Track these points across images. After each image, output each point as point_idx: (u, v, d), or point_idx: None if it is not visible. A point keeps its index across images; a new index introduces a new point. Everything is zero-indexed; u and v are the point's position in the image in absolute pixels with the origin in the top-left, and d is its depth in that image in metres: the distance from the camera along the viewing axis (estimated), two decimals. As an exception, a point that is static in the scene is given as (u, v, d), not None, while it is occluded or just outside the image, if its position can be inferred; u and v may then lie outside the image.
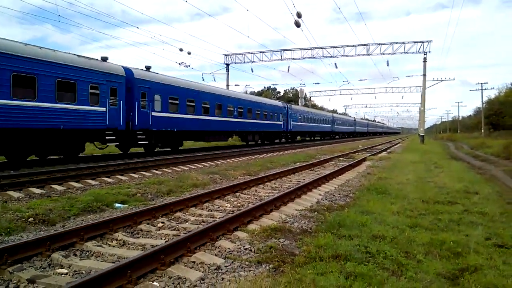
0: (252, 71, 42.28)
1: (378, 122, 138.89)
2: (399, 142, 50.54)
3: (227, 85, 41.89)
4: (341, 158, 20.73)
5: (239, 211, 6.66)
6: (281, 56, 39.86)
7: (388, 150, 29.28)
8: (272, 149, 26.64)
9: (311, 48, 38.57)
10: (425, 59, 37.23)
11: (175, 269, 4.28)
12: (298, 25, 21.93)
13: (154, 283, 3.99)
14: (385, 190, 9.38)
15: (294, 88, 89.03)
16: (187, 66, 35.89)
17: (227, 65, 42.17)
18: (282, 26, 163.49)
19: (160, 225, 6.40)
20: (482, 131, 59.02)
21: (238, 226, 6.07)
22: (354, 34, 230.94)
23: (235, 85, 67.52)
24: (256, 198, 8.79)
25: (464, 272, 4.17)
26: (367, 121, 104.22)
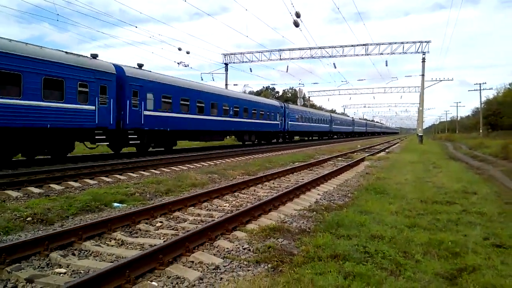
0: (251, 71, 42.46)
1: (377, 122, 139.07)
2: (398, 142, 50.58)
3: (226, 85, 41.91)
4: (340, 158, 20.75)
5: (238, 211, 6.66)
6: (280, 56, 39.92)
7: (387, 150, 29.31)
8: (271, 149, 26.64)
9: (310, 48, 38.62)
10: (424, 59, 37.40)
11: (174, 269, 4.28)
12: (297, 25, 21.95)
13: (153, 283, 3.98)
14: (384, 190, 9.39)
15: (293, 88, 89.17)
16: (186, 66, 35.94)
17: (226, 65, 42.17)
18: (281, 26, 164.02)
19: (159, 225, 6.39)
20: (481, 131, 59.15)
21: (237, 226, 6.07)
22: (353, 34, 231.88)
23: (234, 85, 67.49)
24: (255, 198, 8.79)
25: (462, 272, 4.18)
26: (366, 121, 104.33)
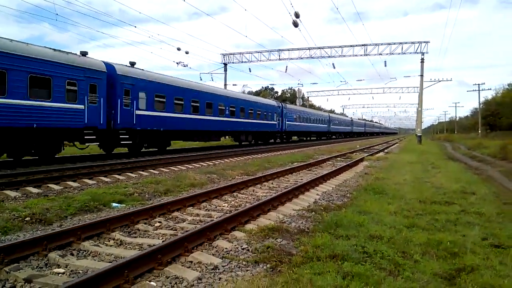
0: (250, 71, 42.09)
1: (376, 123, 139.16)
2: (397, 143, 50.64)
3: (225, 85, 41.90)
4: (339, 158, 20.76)
5: (237, 211, 6.65)
6: (279, 56, 39.94)
7: (386, 151, 29.33)
8: (269, 149, 26.64)
9: (309, 48, 38.66)
10: (423, 60, 37.43)
11: (172, 269, 4.28)
12: (296, 25, 21.98)
13: (151, 283, 3.98)
14: (383, 190, 9.40)
15: (292, 88, 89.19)
16: (185, 66, 35.87)
17: (225, 65, 42.16)
18: (280, 26, 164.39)
19: (158, 225, 6.39)
20: (479, 132, 59.23)
21: (236, 226, 6.07)
22: (352, 34, 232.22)
23: (233, 85, 67.18)
24: (254, 198, 8.79)
25: (461, 272, 4.19)
26: (364, 121, 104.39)
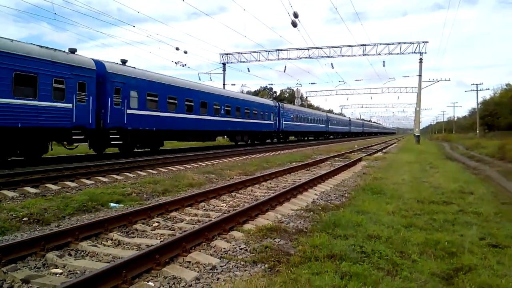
0: (249, 71, 41.97)
1: (374, 122, 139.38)
2: (395, 142, 50.72)
3: (224, 85, 41.87)
4: (337, 158, 20.77)
5: (235, 211, 6.65)
6: (278, 56, 39.95)
7: (384, 150, 29.36)
8: (268, 149, 26.64)
9: (308, 48, 38.67)
10: (421, 60, 37.47)
11: (170, 269, 4.27)
12: (295, 25, 21.99)
13: (149, 283, 3.97)
14: (381, 190, 9.41)
15: (291, 88, 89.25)
16: (184, 66, 35.80)
17: (224, 65, 42.16)
18: (279, 26, 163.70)
19: (156, 225, 6.38)
20: (477, 132, 59.42)
21: (234, 226, 6.07)
22: (351, 34, 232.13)
23: (232, 85, 67.27)
24: (252, 198, 8.79)
25: (459, 272, 4.19)
26: (362, 121, 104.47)
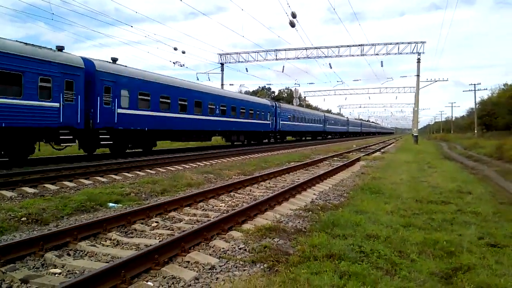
0: (247, 71, 42.40)
1: (372, 122, 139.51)
2: (393, 142, 50.79)
3: (222, 85, 41.86)
4: (335, 158, 20.79)
5: (234, 211, 6.66)
6: (276, 56, 39.94)
7: (382, 150, 29.40)
8: (265, 149, 26.64)
9: (306, 48, 38.68)
10: (419, 60, 37.51)
11: (169, 269, 4.27)
12: (293, 25, 21.99)
13: (148, 283, 3.97)
14: (379, 190, 9.43)
15: (289, 88, 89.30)
16: (182, 66, 35.74)
17: (222, 65, 42.16)
18: (277, 26, 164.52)
19: (154, 225, 6.37)
20: (475, 132, 59.56)
21: (233, 226, 6.07)
22: (349, 35, 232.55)
23: (230, 85, 67.14)
24: (251, 198, 8.79)
25: (457, 272, 4.20)
26: (361, 121, 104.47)
